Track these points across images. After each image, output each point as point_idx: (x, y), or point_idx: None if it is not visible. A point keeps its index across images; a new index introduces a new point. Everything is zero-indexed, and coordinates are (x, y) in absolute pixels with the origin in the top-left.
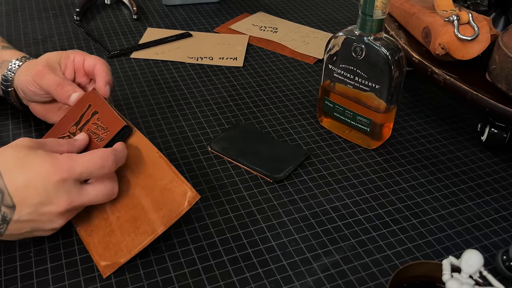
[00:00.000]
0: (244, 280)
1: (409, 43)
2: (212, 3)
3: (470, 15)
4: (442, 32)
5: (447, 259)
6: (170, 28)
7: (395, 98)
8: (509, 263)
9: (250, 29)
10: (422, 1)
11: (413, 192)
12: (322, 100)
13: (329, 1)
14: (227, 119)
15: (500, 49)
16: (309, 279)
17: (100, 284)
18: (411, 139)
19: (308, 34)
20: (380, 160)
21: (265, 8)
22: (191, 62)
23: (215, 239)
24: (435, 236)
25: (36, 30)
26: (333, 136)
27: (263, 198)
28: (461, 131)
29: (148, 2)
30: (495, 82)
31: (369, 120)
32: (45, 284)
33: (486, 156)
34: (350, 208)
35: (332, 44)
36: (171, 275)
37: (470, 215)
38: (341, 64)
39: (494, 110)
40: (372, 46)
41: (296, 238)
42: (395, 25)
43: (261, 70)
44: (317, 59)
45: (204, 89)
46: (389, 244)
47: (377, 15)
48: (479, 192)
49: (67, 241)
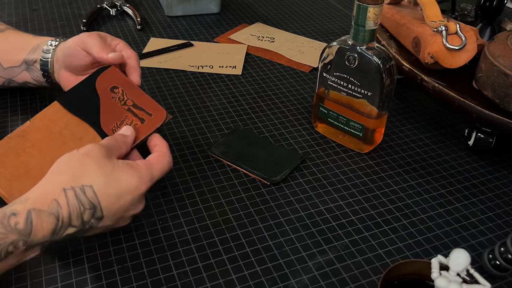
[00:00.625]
0: (243, 277)
1: (399, 52)
2: (212, 14)
3: (457, 25)
4: (431, 42)
5: (435, 258)
6: (173, 38)
7: (387, 104)
8: (494, 262)
9: (248, 39)
10: (412, 12)
11: (404, 194)
12: (317, 107)
13: (323, 12)
14: (227, 124)
15: (486, 58)
16: (304, 277)
17: (106, 281)
18: (401, 144)
19: (303, 44)
20: (372, 163)
21: (262, 19)
22: (193, 70)
23: (215, 238)
24: (424, 236)
25: None
26: (327, 141)
27: (261, 200)
28: (449, 136)
29: (152, 13)
30: (482, 89)
31: (362, 125)
32: (53, 281)
33: (473, 160)
34: (344, 210)
35: (327, 53)
36: (173, 273)
37: (457, 216)
38: (335, 72)
39: (480, 116)
40: (364, 55)
41: (292, 238)
42: (386, 35)
43: (259, 78)
44: (312, 67)
45: (205, 96)
46: (380, 244)
47: (369, 26)
48: (466, 194)
49: (74, 241)
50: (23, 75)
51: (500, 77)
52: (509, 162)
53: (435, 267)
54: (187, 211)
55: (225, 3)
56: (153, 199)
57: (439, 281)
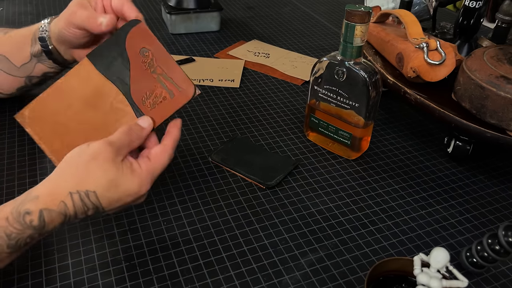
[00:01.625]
0: (240, 274)
1: (384, 67)
2: (213, 32)
3: (438, 42)
4: (413, 58)
5: (417, 256)
6: (176, 53)
7: (372, 115)
8: (472, 259)
9: (245, 54)
10: (396, 30)
11: (388, 197)
12: (309, 117)
13: (314, 30)
14: (226, 133)
15: (464, 72)
16: (297, 273)
17: (115, 277)
18: (386, 151)
19: (296, 59)
20: (359, 169)
21: (258, 36)
22: (194, 83)
23: (215, 238)
24: (407, 235)
25: None
26: (318, 148)
27: (257, 202)
28: (430, 144)
29: (157, 31)
30: (460, 101)
31: (350, 134)
32: (66, 277)
33: (452, 165)
34: (333, 211)
35: (317, 68)
36: (177, 270)
37: (437, 217)
38: (325, 85)
39: (458, 126)
40: (352, 69)
41: (286, 237)
42: (372, 51)
43: (255, 91)
44: (304, 80)
45: (205, 107)
46: (367, 243)
47: (356, 43)
48: (446, 197)
49: (86, 240)
50: (39, 68)
51: (477, 90)
52: (485, 168)
53: (417, 264)
54: (189, 212)
55: (224, 21)
56: (158, 201)
57: (420, 277)
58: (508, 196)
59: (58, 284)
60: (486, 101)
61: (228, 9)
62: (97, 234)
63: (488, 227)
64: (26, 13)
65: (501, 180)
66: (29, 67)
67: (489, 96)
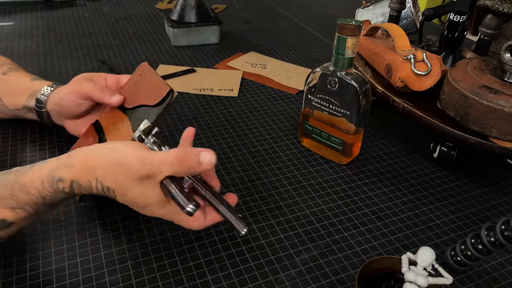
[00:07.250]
0: (239, 271)
1: (374, 77)
2: (213, 44)
3: (424, 54)
4: (401, 68)
5: (405, 255)
6: (178, 65)
7: (363, 122)
8: (456, 258)
9: (243, 65)
10: (385, 42)
11: (377, 200)
12: (303, 124)
13: (308, 43)
14: (225, 139)
15: (449, 82)
16: (292, 271)
17: (121, 274)
18: (375, 156)
19: (291, 70)
20: (350, 173)
21: (256, 48)
22: (195, 92)
23: (215, 238)
24: (395, 235)
25: (68, 67)
26: (311, 154)
27: (254, 205)
28: (417, 149)
29: (160, 44)
30: (445, 109)
31: (341, 140)
32: (75, 275)
33: (437, 170)
34: (326, 213)
35: (311, 78)
36: (179, 268)
37: (424, 219)
38: (318, 94)
39: (443, 132)
40: (344, 79)
41: (281, 237)
42: (362, 62)
43: (253, 99)
44: (299, 90)
45: (206, 115)
46: (357, 242)
47: (348, 54)
48: (432, 200)
49: (94, 240)
50: (29, 115)
51: (461, 99)
52: (468, 172)
53: (405, 262)
54: None
55: (223, 34)
56: None
57: (408, 275)
58: (490, 198)
59: (68, 281)
60: (469, 109)
61: (227, 23)
62: (104, 234)
63: (471, 228)
64: (37, 26)
65: (483, 183)
66: (20, 112)
67: (472, 105)
